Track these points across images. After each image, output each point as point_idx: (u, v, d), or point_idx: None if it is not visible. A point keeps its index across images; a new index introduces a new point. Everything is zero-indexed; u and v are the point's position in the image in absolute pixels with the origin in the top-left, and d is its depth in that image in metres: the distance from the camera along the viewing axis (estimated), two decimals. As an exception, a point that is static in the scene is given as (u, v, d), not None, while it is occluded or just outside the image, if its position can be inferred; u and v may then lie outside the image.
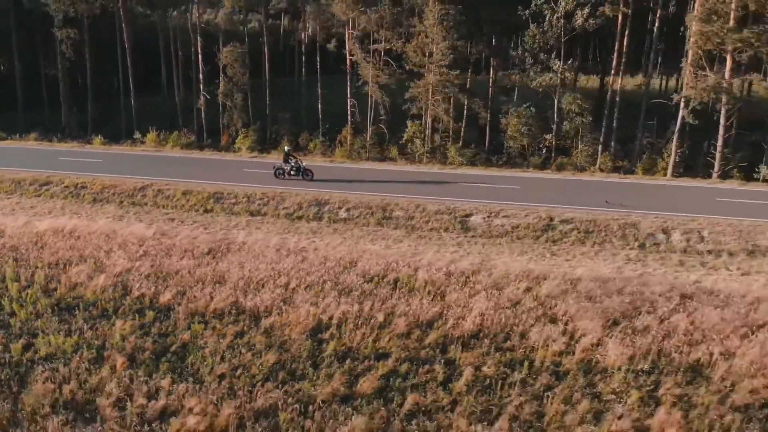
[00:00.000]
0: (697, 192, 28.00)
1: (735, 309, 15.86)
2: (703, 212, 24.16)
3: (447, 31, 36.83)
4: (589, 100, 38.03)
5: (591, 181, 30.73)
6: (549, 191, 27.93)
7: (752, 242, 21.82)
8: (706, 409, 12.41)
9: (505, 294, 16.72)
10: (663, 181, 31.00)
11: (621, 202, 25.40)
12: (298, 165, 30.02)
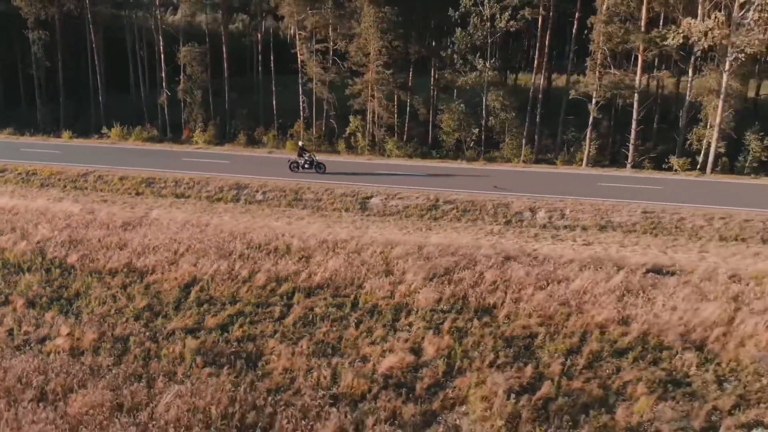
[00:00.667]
0: (584, 178, 31.28)
1: (545, 267, 19.16)
2: (579, 195, 27.42)
3: (382, 33, 40.07)
4: (514, 97, 41.22)
5: (498, 170, 33.93)
6: (453, 178, 31.20)
7: (606, 219, 25.10)
8: (480, 337, 15.69)
9: (360, 256, 20.05)
10: (563, 170, 34.30)
11: (507, 187, 28.64)
12: (312, 159, 32.00)
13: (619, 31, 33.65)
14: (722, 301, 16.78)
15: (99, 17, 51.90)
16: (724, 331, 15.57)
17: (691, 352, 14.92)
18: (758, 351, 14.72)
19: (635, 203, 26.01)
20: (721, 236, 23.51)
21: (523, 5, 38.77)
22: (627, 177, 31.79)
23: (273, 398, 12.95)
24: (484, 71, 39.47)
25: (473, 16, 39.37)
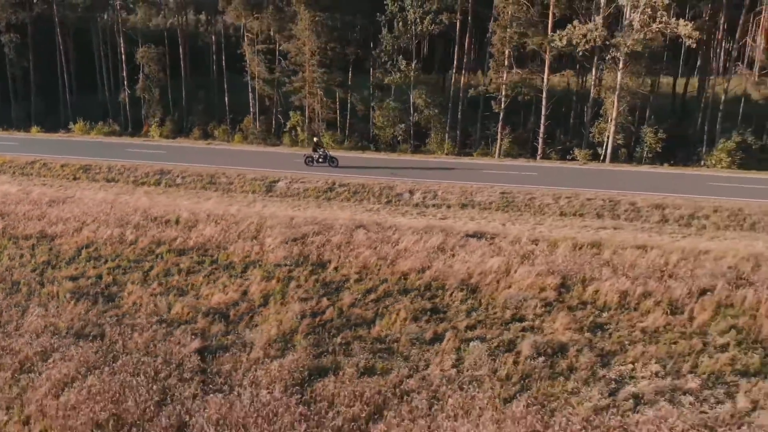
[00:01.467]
0: (476, 167, 35.46)
1: (386, 234, 23.37)
2: (463, 180, 31.50)
3: (317, 35, 44.41)
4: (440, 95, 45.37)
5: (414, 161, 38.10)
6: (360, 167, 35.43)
7: (470, 199, 29.30)
8: (304, 282, 19.90)
9: (238, 226, 24.32)
10: (466, 160, 38.45)
11: (400, 174, 32.84)
12: (326, 154, 34.60)
13: (515, 35, 37.72)
14: (510, 257, 20.96)
15: (67, 21, 56.39)
16: (499, 278, 19.74)
17: (463, 291, 19.10)
18: (516, 291, 18.90)
19: (498, 186, 30.17)
20: (562, 212, 27.66)
21: (441, 10, 42.97)
22: (512, 165, 35.97)
23: (114, 320, 17.24)
24: (408, 71, 43.63)
25: (397, 20, 43.56)
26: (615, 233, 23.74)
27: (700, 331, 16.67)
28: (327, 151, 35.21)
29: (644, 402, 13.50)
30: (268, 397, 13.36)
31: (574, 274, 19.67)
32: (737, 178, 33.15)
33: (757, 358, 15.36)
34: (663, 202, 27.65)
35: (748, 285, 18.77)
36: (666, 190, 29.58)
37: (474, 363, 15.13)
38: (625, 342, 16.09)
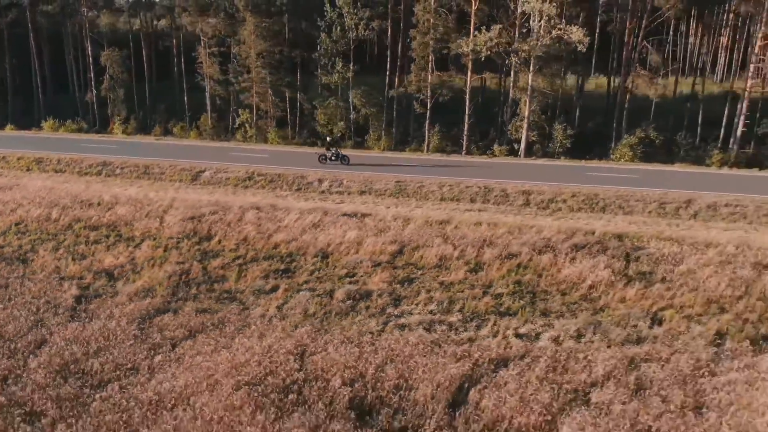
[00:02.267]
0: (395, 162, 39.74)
1: (275, 214, 27.67)
2: (371, 172, 35.76)
3: (261, 39, 48.81)
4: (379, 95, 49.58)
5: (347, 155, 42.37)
6: (289, 159, 39.79)
7: (369, 186, 33.61)
8: (186, 251, 24.24)
9: (148, 207, 28.71)
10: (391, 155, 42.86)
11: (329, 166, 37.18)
12: (338, 153, 37.83)
13: (430, 41, 42.06)
14: (367, 231, 25.25)
15: (40, 26, 61.03)
16: (350, 247, 24.05)
17: (317, 257, 23.41)
18: (359, 256, 23.19)
19: (394, 175, 34.48)
20: (442, 198, 31.96)
21: (373, 17, 47.33)
22: (428, 159, 40.39)
23: (20, 275, 21.65)
24: (344, 72, 47.99)
25: (336, 25, 47.92)
26: (470, 213, 27.99)
27: (488, 284, 20.96)
28: (339, 151, 38.31)
29: (407, 329, 17.77)
30: (113, 324, 17.70)
31: (411, 243, 23.97)
32: (618, 168, 37.43)
33: (521, 303, 19.63)
34: (530, 189, 31.92)
35: (550, 251, 23.01)
36: (544, 180, 33.85)
37: (293, 305, 19.44)
38: (421, 290, 20.39)
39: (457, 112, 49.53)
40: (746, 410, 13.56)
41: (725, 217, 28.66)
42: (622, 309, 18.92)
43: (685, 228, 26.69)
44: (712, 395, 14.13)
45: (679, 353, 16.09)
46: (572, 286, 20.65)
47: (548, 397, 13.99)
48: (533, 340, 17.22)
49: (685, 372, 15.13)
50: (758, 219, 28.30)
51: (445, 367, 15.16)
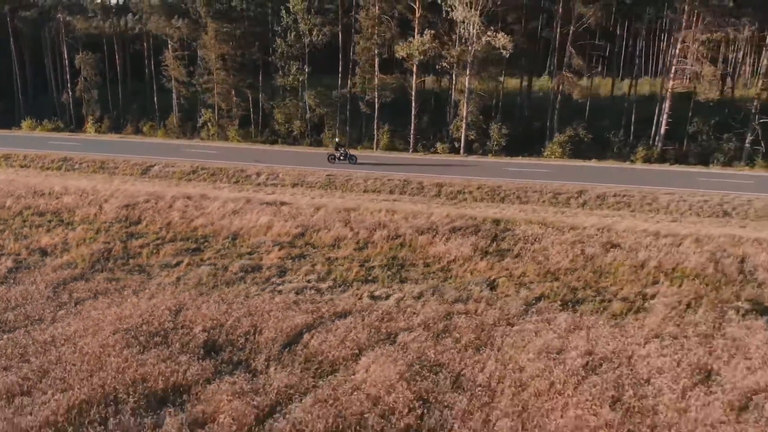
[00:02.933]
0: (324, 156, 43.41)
1: (202, 203, 31.35)
2: (309, 166, 39.40)
3: (221, 43, 52.59)
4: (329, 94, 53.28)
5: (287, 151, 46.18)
6: (237, 155, 43.50)
7: (302, 180, 37.26)
8: (115, 233, 27.93)
9: (91, 196, 32.44)
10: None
11: (265, 161, 40.83)
12: (346, 153, 40.50)
13: (372, 46, 45.78)
14: (279, 217, 28.88)
15: (20, 32, 64.99)
16: (260, 230, 27.69)
17: (228, 239, 27.06)
18: (265, 238, 26.82)
19: (325, 170, 38.13)
20: (365, 189, 35.59)
21: (325, 23, 51.06)
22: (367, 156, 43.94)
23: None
24: (298, 75, 51.74)
25: (291, 30, 51.65)
26: (378, 203, 31.60)
27: (368, 258, 24.59)
28: (347, 151, 41.00)
29: (280, 293, 21.39)
30: (33, 288, 21.41)
31: (315, 227, 27.64)
32: (539, 164, 41.16)
33: (388, 273, 23.23)
34: (443, 182, 35.56)
35: (431, 233, 26.64)
36: (466, 175, 37.37)
37: (191, 276, 23.09)
38: (307, 264, 24.01)
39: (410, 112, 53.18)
40: (518, 349, 17.14)
41: (611, 206, 32.23)
42: (468, 277, 22.54)
43: (570, 215, 30.29)
44: (499, 339, 17.71)
45: (492, 309, 19.69)
46: (437, 260, 24.26)
47: (364, 338, 17.59)
48: (382, 300, 20.83)
49: (488, 323, 18.72)
50: (641, 207, 31.88)
51: (293, 319, 18.78)
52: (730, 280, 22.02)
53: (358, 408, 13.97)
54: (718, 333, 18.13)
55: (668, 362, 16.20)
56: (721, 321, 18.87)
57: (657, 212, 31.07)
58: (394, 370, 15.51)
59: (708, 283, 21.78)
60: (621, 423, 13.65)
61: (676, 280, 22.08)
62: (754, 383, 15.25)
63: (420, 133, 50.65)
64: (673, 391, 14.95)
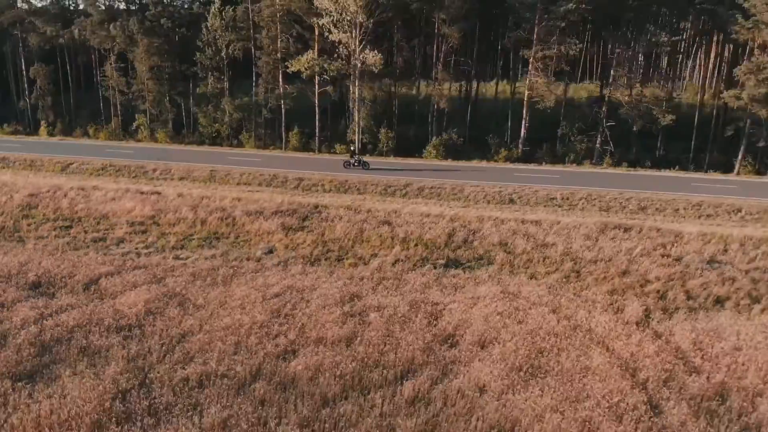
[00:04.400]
0: (238, 155, 51.77)
1: (93, 193, 39.71)
2: (207, 163, 47.72)
3: (150, 55, 61.15)
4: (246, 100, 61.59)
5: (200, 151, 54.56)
6: (150, 153, 51.90)
7: (189, 174, 45.56)
8: (15, 215, 36.36)
9: (6, 188, 40.87)
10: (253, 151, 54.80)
11: (169, 158, 49.24)
12: (359, 159, 47.20)
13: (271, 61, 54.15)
14: (144, 203, 37.09)
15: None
16: (122, 212, 35.94)
17: (97, 219, 35.31)
18: (122, 217, 35.10)
19: (212, 166, 46.46)
20: (238, 182, 43.78)
21: (238, 40, 59.51)
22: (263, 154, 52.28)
23: None
24: (216, 84, 60.19)
25: (209, 46, 60.11)
26: (234, 192, 39.82)
27: (193, 233, 32.71)
28: (361, 158, 47.67)
29: (110, 254, 29.56)
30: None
31: (168, 211, 35.83)
32: (399, 164, 49.18)
33: (202, 243, 31.38)
34: (303, 176, 43.78)
35: (255, 214, 34.76)
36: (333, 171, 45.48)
37: (53, 244, 31.34)
38: (146, 236, 32.18)
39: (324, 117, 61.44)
40: (243, 285, 25.22)
41: (426, 195, 40.32)
42: (261, 245, 30.68)
43: (384, 202, 38.35)
44: (237, 280, 25.84)
45: (253, 263, 27.83)
46: (248, 234, 32.43)
47: (142, 280, 25.74)
48: (183, 259, 29.01)
49: (241, 272, 26.86)
50: (448, 196, 39.95)
51: (101, 269, 26.99)
52: (448, 245, 30.11)
53: (103, 315, 22.14)
54: (395, 277, 26.25)
55: (335, 291, 24.32)
56: (406, 270, 26.98)
57: (458, 200, 39.12)
58: (145, 297, 23.66)
59: (431, 247, 29.86)
60: (269, 321, 21.73)
61: (411, 245, 30.12)
62: (383, 301, 23.33)
63: (323, 136, 58.90)
64: (326, 306, 23.04)
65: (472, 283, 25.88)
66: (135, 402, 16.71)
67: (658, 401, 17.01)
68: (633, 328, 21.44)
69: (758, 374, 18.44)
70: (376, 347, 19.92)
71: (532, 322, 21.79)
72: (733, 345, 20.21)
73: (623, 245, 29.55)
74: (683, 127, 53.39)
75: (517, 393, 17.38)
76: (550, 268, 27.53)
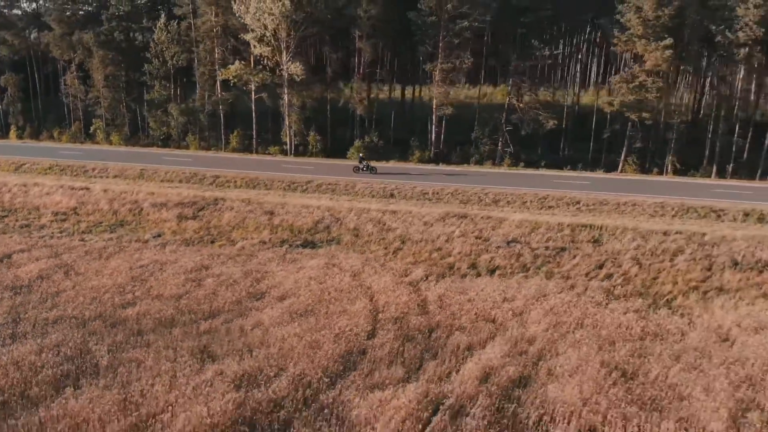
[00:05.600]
0: (173, 155, 59.03)
1: (33, 189, 47.07)
2: (142, 163, 54.99)
3: (104, 66, 68.56)
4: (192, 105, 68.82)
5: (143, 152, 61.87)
6: (97, 154, 59.19)
7: (122, 173, 52.81)
8: None
9: (-39, 184, 48.27)
10: (192, 152, 62.00)
11: (112, 159, 56.54)
12: (368, 165, 51.66)
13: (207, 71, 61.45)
14: (72, 197, 44.33)
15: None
16: (50, 204, 43.18)
17: (28, 210, 42.58)
18: (52, 209, 42.33)
19: (143, 165, 53.70)
20: (162, 180, 50.99)
21: (182, 52, 66.83)
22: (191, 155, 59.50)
23: None
24: (162, 91, 67.51)
25: (158, 57, 67.43)
26: (152, 187, 47.01)
27: (103, 220, 39.91)
28: (369, 163, 52.20)
29: (30, 236, 36.75)
30: None
31: (88, 203, 43.06)
32: (306, 162, 56.25)
33: (110, 228, 38.57)
34: (219, 174, 50.97)
35: (161, 206, 41.93)
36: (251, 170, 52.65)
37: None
38: (65, 223, 39.36)
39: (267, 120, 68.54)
40: (114, 258, 32.36)
41: (324, 191, 47.25)
42: (153, 230, 37.83)
43: (285, 197, 45.37)
44: (117, 255, 32.96)
45: (139, 244, 34.97)
46: (148, 222, 39.60)
47: (44, 255, 32.92)
48: (86, 241, 36.17)
49: (127, 249, 34.01)
50: (340, 192, 46.96)
51: (16, 246, 34.18)
52: (310, 230, 37.19)
53: (4, 278, 29.31)
54: (249, 254, 33.34)
55: (190, 264, 31.43)
56: (263, 250, 34.09)
57: (347, 195, 46.07)
58: (41, 267, 30.83)
59: (295, 232, 36.96)
60: (127, 284, 28.83)
61: (279, 230, 37.23)
62: (225, 270, 30.41)
63: (261, 138, 66.11)
64: (176, 274, 30.12)
65: (308, 258, 32.92)
66: (2, 330, 23.83)
67: (378, 331, 24.00)
68: (404, 287, 28.42)
69: (469, 316, 25.40)
70: (198, 300, 27.00)
71: (330, 282, 28.84)
72: (468, 298, 27.16)
73: (449, 230, 36.56)
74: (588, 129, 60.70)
75: (282, 327, 24.38)
76: (380, 246, 34.55)
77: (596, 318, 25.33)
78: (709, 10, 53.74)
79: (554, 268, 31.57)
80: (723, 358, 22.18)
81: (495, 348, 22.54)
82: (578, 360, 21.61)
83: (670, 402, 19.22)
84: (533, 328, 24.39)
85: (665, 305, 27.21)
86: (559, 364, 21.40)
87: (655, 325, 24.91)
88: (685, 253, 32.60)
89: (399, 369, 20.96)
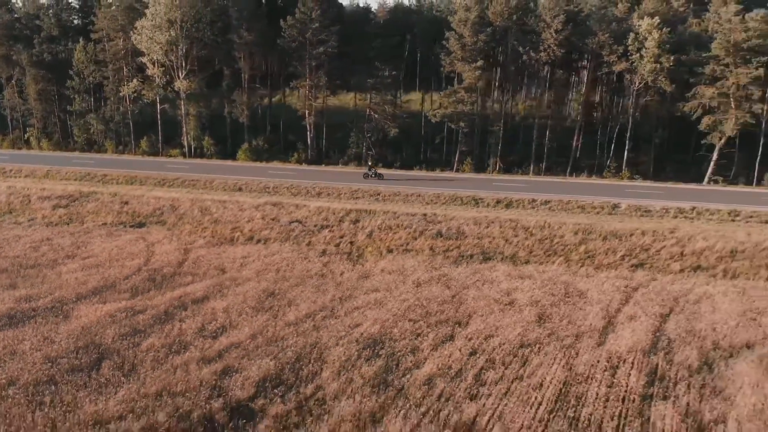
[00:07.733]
0: (114, 160, 71.44)
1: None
2: (73, 166, 67.38)
3: (36, 83, 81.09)
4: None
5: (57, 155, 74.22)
6: (22, 158, 71.48)
7: (52, 174, 65.19)
8: None
9: None
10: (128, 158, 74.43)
11: (43, 162, 68.94)
12: (375, 171, 59.39)
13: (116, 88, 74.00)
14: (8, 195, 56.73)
15: None
16: None
17: None
18: None
19: (50, 167, 66.06)
20: (65, 178, 63.34)
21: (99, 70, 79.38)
22: (100, 158, 71.87)
23: None
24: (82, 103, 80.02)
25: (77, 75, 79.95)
26: (66, 186, 59.33)
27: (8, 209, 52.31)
28: (376, 170, 60.33)
29: None
30: None
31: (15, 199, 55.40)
32: (192, 163, 68.60)
33: None
34: (108, 173, 63.30)
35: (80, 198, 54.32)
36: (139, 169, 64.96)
37: None
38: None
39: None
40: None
41: (186, 186, 59.48)
42: (30, 216, 50.08)
43: (148, 190, 57.60)
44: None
45: (15, 228, 47.29)
46: (30, 210, 51.84)
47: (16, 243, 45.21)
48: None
49: (9, 228, 46.34)
50: (198, 187, 59.22)
51: None
52: (150, 214, 49.46)
53: None
54: (86, 231, 45.61)
55: (38, 236, 43.66)
56: (100, 228, 46.36)
57: (204, 189, 58.23)
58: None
59: (135, 216, 49.24)
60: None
61: (124, 215, 49.48)
62: (61, 241, 42.61)
63: (171, 142, 78.59)
64: (26, 244, 42.36)
65: (128, 234, 45.10)
66: None
67: (134, 275, 36.24)
68: (179, 251, 40.60)
69: (207, 268, 37.59)
70: (30, 258, 39.22)
71: (129, 249, 41.08)
72: (218, 256, 39.37)
73: (256, 214, 48.78)
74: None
75: (74, 273, 36.58)
76: (192, 226, 46.76)
77: (301, 265, 37.61)
78: (523, 34, 66.33)
79: (310, 238, 43.71)
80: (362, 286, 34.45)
81: (204, 283, 34.73)
82: (255, 284, 33.89)
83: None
84: (245, 272, 36.59)
85: (358, 259, 39.40)
86: (237, 291, 33.56)
87: (329, 270, 37.14)
88: (411, 227, 44.80)
89: (127, 294, 33.15)
